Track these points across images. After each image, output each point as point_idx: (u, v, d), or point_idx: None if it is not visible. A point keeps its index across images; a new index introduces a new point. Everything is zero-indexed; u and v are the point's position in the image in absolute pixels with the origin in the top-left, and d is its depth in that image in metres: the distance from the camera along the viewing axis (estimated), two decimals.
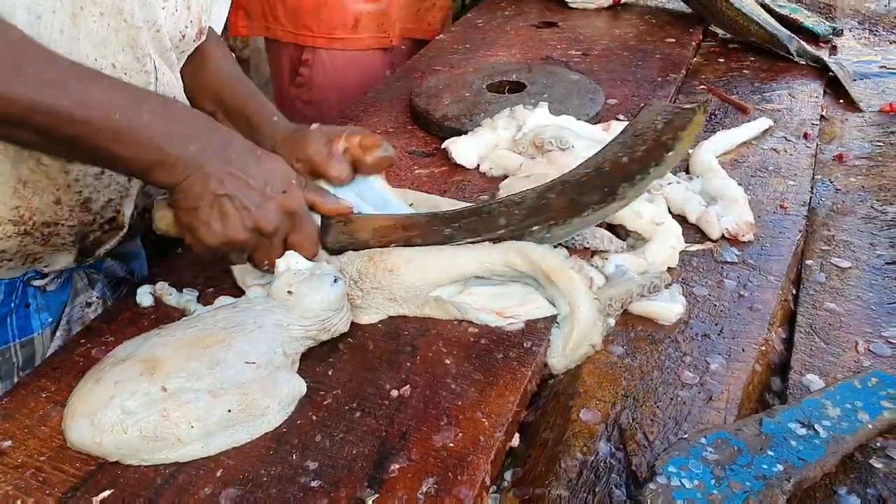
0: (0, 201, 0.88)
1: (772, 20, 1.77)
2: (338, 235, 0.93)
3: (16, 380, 1.00)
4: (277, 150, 0.97)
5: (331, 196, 0.94)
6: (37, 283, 1.00)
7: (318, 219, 0.93)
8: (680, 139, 0.96)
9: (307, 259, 0.89)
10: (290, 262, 0.87)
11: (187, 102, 1.05)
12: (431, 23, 1.95)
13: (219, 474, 0.72)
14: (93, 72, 0.82)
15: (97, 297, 1.08)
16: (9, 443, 0.75)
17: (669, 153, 0.96)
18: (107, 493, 0.70)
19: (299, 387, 0.79)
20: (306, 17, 1.84)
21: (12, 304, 0.99)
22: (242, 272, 0.94)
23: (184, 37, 1.01)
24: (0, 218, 0.89)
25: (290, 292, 0.83)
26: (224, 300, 0.90)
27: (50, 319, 1.03)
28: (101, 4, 0.85)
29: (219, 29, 1.20)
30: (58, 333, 1.03)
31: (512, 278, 0.92)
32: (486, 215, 0.95)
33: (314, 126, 1.02)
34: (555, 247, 0.94)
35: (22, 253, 0.95)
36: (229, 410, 0.74)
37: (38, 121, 0.75)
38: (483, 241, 0.92)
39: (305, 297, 0.83)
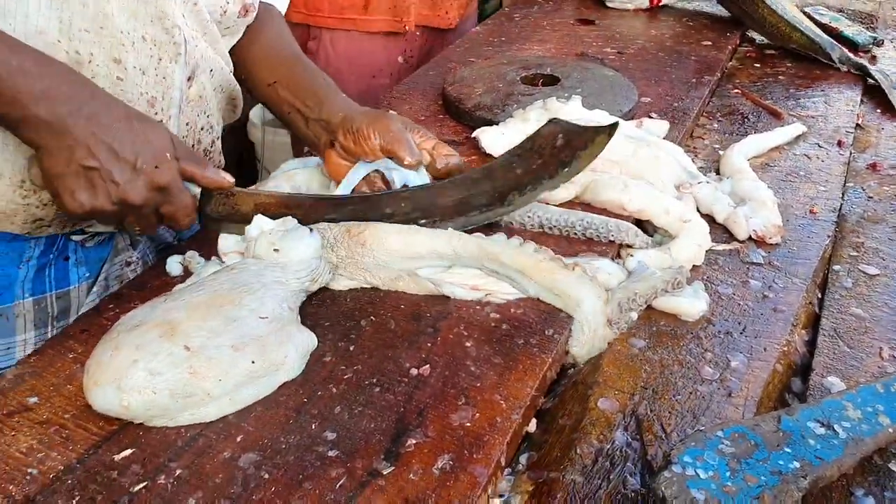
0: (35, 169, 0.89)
1: (814, 27, 1.76)
2: (218, 207, 0.94)
3: (49, 329, 1.02)
4: (347, 123, 1.00)
5: (211, 168, 0.91)
6: (77, 238, 1.02)
7: (196, 189, 0.91)
8: (578, 158, 0.98)
9: (180, 230, 0.91)
10: (263, 226, 0.90)
11: (229, 77, 1.07)
12: (448, 10, 1.88)
13: (239, 439, 0.73)
14: None
15: (137, 258, 1.10)
16: (35, 399, 0.77)
17: (565, 169, 0.98)
18: (128, 451, 0.72)
19: (310, 338, 0.83)
20: (316, 2, 1.80)
21: (51, 256, 1.01)
22: (220, 246, 0.95)
23: (225, 12, 1.03)
24: (36, 186, 0.91)
25: (276, 250, 0.86)
26: (210, 266, 0.93)
27: (88, 275, 1.05)
28: None
29: (283, 8, 1.22)
30: (94, 289, 1.05)
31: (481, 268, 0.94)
32: (374, 204, 0.96)
33: (394, 113, 1.04)
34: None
35: (59, 220, 0.97)
36: (253, 361, 0.76)
37: None
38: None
39: (292, 251, 0.86)
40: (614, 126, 0.99)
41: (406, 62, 1.83)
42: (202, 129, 1.06)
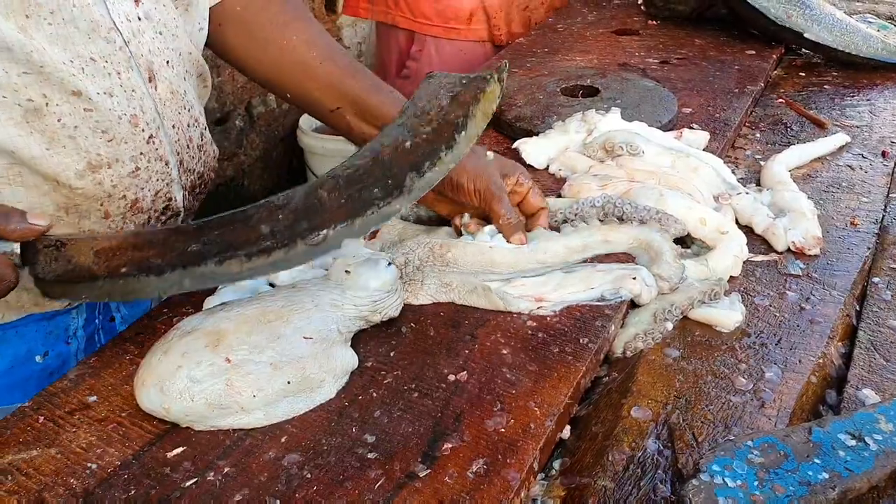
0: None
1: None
2: (51, 264, 0.77)
3: None
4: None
5: (16, 218, 0.75)
6: None
7: (14, 247, 0.76)
8: (472, 115, 0.80)
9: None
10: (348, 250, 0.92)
11: (187, 58, 0.98)
12: (538, 23, 2.00)
13: (283, 440, 0.76)
14: None
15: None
16: (94, 398, 0.82)
17: (461, 133, 0.79)
18: (180, 449, 0.76)
19: (351, 360, 0.84)
20: (424, 7, 1.91)
21: (97, 321, 1.01)
22: None
23: None
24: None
25: (347, 272, 0.88)
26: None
27: None
28: (45, 5, 0.80)
29: None
30: None
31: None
32: (242, 224, 0.77)
33: (490, 153, 0.99)
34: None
35: None
36: (288, 382, 0.79)
37: None
38: (246, 255, 0.75)
39: (361, 277, 0.87)
40: (502, 68, 0.83)
41: None
42: (188, 125, 0.99)
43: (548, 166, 1.25)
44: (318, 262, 0.87)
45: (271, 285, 0.96)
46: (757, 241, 1.11)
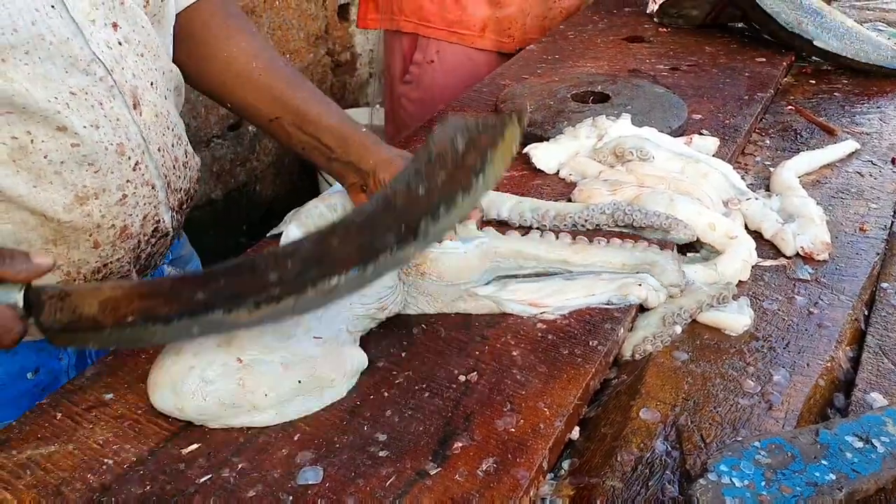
0: (55, 282, 0.85)
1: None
2: (55, 314, 0.74)
3: None
4: (381, 173, 0.97)
5: (18, 259, 0.73)
6: None
7: (17, 295, 0.73)
8: (490, 160, 0.75)
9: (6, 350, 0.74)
10: None
11: (174, 76, 1.00)
12: (553, 27, 2.00)
13: (296, 438, 0.78)
14: None
15: None
16: (111, 395, 0.83)
17: (480, 176, 0.75)
18: (195, 446, 0.77)
19: (361, 360, 0.85)
20: (428, 15, 1.92)
21: None
22: None
23: (148, 2, 0.94)
24: (49, 280, 0.84)
25: None
26: None
27: None
28: (21, 45, 0.79)
29: None
30: None
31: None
32: (250, 272, 0.75)
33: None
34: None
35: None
36: (299, 381, 0.80)
37: None
38: (255, 303, 0.72)
39: None
40: (521, 111, 0.82)
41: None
42: (172, 145, 0.99)
43: (558, 171, 1.26)
44: None
45: None
46: (766, 246, 1.12)
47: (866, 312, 1.02)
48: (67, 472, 0.74)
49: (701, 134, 1.37)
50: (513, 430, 0.78)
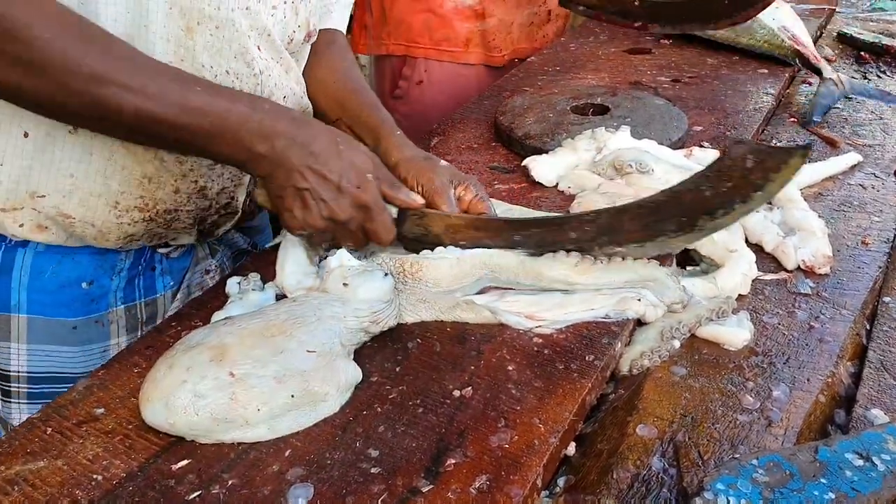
0: (128, 192, 1.01)
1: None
2: (412, 227, 0.99)
3: (139, 334, 1.11)
4: (397, 169, 1.04)
5: (404, 190, 0.99)
6: (162, 250, 1.12)
7: (394, 210, 0.99)
8: (771, 181, 0.91)
9: (383, 246, 0.98)
10: (343, 259, 0.94)
11: (301, 99, 1.14)
12: (546, 35, 1.97)
13: (287, 454, 0.77)
14: (190, 77, 0.90)
15: (216, 266, 1.20)
16: (102, 410, 0.82)
17: (758, 192, 0.91)
18: (185, 462, 0.76)
19: (355, 374, 0.85)
20: (416, 36, 1.91)
21: (140, 267, 1.11)
22: (282, 278, 0.98)
23: (292, 40, 1.09)
24: (129, 206, 1.01)
25: (345, 284, 0.90)
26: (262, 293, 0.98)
27: (172, 283, 1.15)
28: (216, 19, 0.94)
29: (343, 27, 1.28)
30: (178, 296, 1.16)
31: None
32: (557, 227, 0.97)
33: (444, 162, 1.07)
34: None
35: (148, 235, 1.06)
36: (292, 395, 0.79)
37: (145, 126, 0.86)
38: (553, 251, 0.95)
39: (359, 288, 0.89)
40: (808, 146, 0.92)
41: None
42: None
43: (557, 184, 1.25)
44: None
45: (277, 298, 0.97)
46: (767, 259, 1.11)
47: (868, 327, 1.01)
48: (56, 487, 0.73)
49: (701, 146, 1.36)
50: (507, 446, 0.77)
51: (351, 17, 1.45)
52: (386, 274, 0.91)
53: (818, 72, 1.58)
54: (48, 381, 1.08)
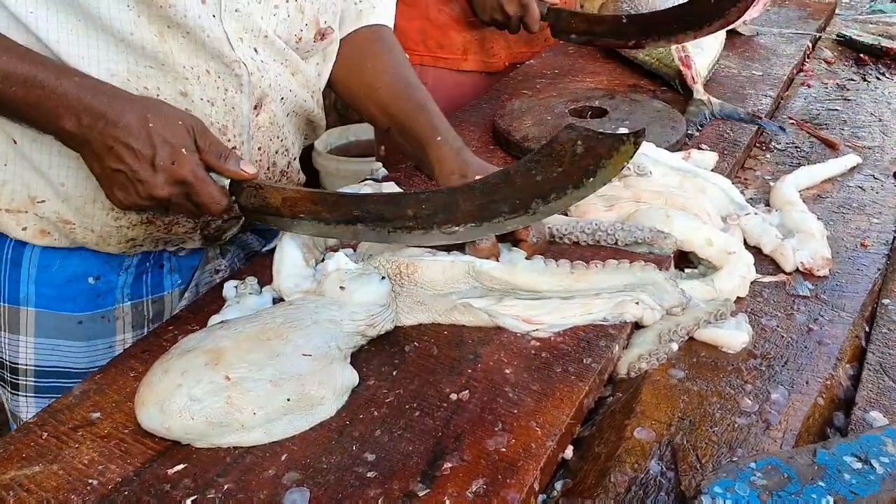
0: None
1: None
2: (250, 198, 0.96)
3: (145, 330, 1.11)
4: (443, 180, 1.03)
5: (232, 159, 0.94)
6: (171, 249, 1.12)
7: (226, 180, 0.95)
8: (602, 167, 0.92)
9: (216, 216, 0.98)
10: (340, 262, 0.93)
11: (305, 103, 1.12)
12: (548, 39, 1.94)
13: (283, 458, 0.76)
14: (8, 45, 0.88)
15: (226, 266, 1.20)
16: (98, 414, 0.82)
17: (590, 178, 0.92)
18: (181, 466, 0.76)
19: (351, 377, 0.84)
20: (412, 43, 1.89)
21: (148, 264, 1.12)
22: (279, 282, 0.98)
23: (300, 39, 1.07)
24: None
25: (342, 288, 0.89)
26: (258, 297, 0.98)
27: (180, 281, 1.15)
28: (184, 26, 0.93)
29: (390, 21, 1.24)
30: (186, 295, 1.16)
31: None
32: (394, 205, 0.95)
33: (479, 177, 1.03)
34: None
35: (150, 240, 1.06)
36: (288, 399, 0.79)
37: None
38: (392, 227, 0.94)
39: (356, 292, 0.88)
40: (640, 133, 0.92)
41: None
42: (276, 152, 1.11)
43: None
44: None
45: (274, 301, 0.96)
46: (765, 261, 1.11)
47: (867, 329, 1.01)
48: (51, 493, 0.73)
49: (700, 149, 1.36)
50: (504, 450, 0.76)
51: None
52: (383, 277, 0.91)
53: (690, 93, 1.59)
54: (54, 376, 1.09)
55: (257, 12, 0.99)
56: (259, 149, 1.08)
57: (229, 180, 0.95)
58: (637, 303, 0.94)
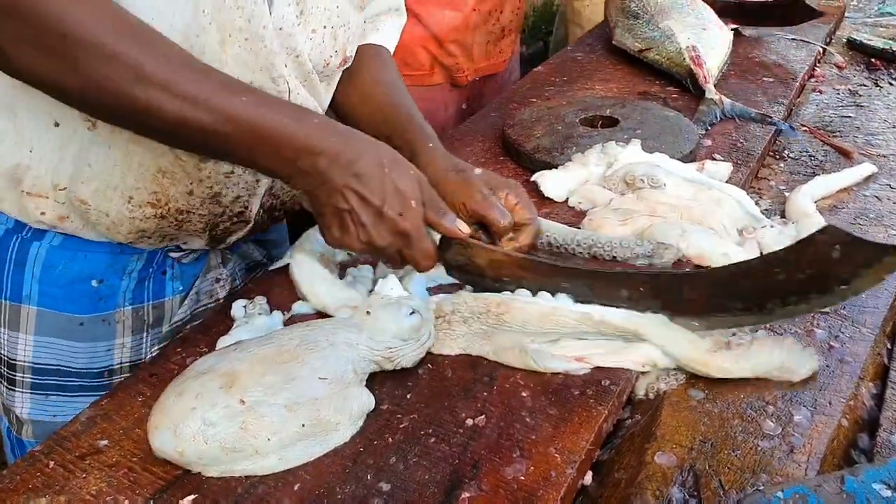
0: (142, 186, 0.99)
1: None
2: (456, 255, 0.97)
3: (144, 335, 1.11)
4: (437, 184, 1.00)
5: (449, 216, 0.95)
6: (174, 254, 1.12)
7: (438, 235, 0.96)
8: (860, 276, 0.82)
9: (421, 272, 0.96)
10: (384, 288, 0.91)
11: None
12: (503, 51, 1.91)
13: (296, 488, 0.74)
14: (237, 84, 0.87)
15: (227, 275, 1.18)
16: (105, 442, 0.80)
17: (841, 286, 0.83)
18: (191, 497, 0.74)
19: (368, 402, 0.82)
20: None
21: (151, 270, 1.11)
22: (319, 300, 0.97)
23: (328, 64, 1.07)
24: (141, 200, 1.00)
25: (368, 312, 0.87)
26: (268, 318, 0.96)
27: (181, 288, 1.14)
28: (246, 31, 0.92)
29: (392, 45, 1.26)
30: (186, 302, 1.14)
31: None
32: (607, 281, 0.92)
33: (478, 171, 1.05)
34: None
35: (159, 233, 1.06)
36: (303, 424, 0.77)
37: (186, 133, 0.84)
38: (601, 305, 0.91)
39: (378, 321, 0.87)
40: None
41: (468, 107, 1.88)
42: None
43: (567, 199, 1.23)
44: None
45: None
46: None
47: (889, 346, 0.99)
48: None
49: (713, 159, 1.34)
50: (522, 478, 0.75)
51: None
52: (413, 312, 0.88)
53: (702, 92, 1.60)
54: (51, 374, 1.09)
55: (299, 35, 0.99)
56: None
57: (440, 236, 0.96)
58: None
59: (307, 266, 1.00)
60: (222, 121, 0.83)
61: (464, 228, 0.96)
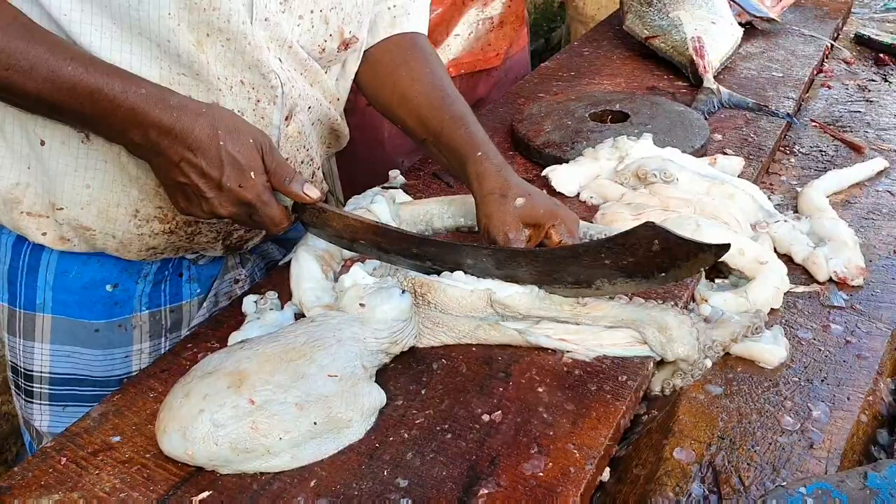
0: (147, 200, 0.98)
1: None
2: (312, 218, 0.96)
3: (162, 340, 1.10)
4: (479, 203, 0.98)
5: (297, 182, 0.92)
6: (190, 256, 1.10)
7: (288, 202, 0.94)
8: (677, 267, 0.85)
9: (277, 234, 0.97)
10: (357, 278, 0.90)
11: (329, 111, 1.10)
12: (495, 46, 1.86)
13: (312, 484, 0.74)
14: (67, 47, 0.85)
15: (246, 275, 1.17)
16: (118, 438, 0.79)
17: (661, 274, 0.86)
18: (206, 494, 0.73)
19: (379, 397, 0.82)
20: None
21: (167, 272, 1.09)
22: (299, 295, 0.96)
23: (323, 50, 1.04)
24: (147, 216, 0.99)
25: (361, 305, 0.86)
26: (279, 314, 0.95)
27: (199, 291, 1.13)
28: (227, 32, 0.91)
29: (423, 28, 1.19)
30: (205, 304, 1.13)
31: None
32: (454, 252, 0.94)
33: (521, 200, 0.97)
34: None
35: (171, 248, 1.04)
36: (315, 422, 0.76)
37: (35, 104, 0.87)
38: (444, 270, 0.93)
39: (377, 308, 0.86)
40: (723, 247, 0.84)
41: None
42: (302, 162, 1.09)
43: (578, 194, 1.22)
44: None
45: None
46: (797, 270, 1.08)
47: None
48: None
49: (724, 153, 1.33)
50: (541, 474, 0.74)
51: None
52: (403, 291, 0.88)
53: (700, 81, 1.63)
54: (69, 383, 1.07)
55: (284, 23, 0.97)
56: (287, 159, 1.05)
57: (291, 202, 0.94)
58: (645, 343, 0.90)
59: (304, 262, 0.98)
60: (50, 89, 0.82)
61: (312, 194, 0.93)
